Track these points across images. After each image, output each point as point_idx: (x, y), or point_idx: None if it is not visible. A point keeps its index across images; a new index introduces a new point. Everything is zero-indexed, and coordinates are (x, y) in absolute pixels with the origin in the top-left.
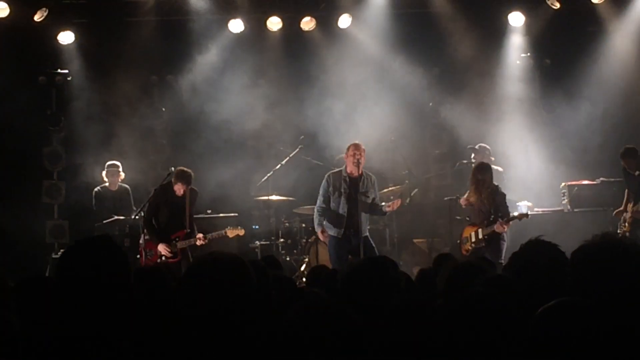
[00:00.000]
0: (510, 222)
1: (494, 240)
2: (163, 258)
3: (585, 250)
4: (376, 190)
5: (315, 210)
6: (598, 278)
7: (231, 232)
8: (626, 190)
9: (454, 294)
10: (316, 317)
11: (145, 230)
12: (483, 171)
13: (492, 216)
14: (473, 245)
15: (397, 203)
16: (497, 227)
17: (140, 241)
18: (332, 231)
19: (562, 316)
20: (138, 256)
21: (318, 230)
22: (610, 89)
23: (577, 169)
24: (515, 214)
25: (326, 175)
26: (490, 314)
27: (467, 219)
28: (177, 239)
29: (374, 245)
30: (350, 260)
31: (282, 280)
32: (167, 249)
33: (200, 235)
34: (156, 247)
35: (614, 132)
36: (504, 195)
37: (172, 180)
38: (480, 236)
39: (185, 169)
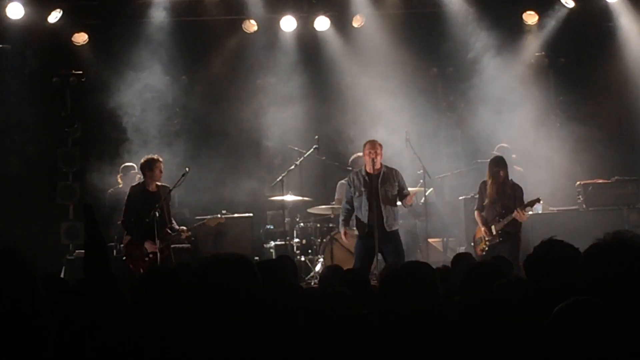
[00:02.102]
0: (527, 209)
1: (509, 238)
2: (151, 256)
3: (597, 248)
4: (402, 181)
5: (341, 209)
6: (610, 276)
7: (212, 222)
8: None
9: (470, 293)
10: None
11: (126, 232)
12: (497, 164)
13: (503, 210)
14: (487, 243)
15: (412, 197)
16: (515, 215)
17: (124, 242)
18: (356, 230)
19: (577, 315)
20: (124, 258)
21: (341, 230)
22: (625, 87)
23: (592, 167)
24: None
25: (348, 177)
26: (507, 314)
27: (472, 217)
28: (161, 235)
29: (400, 241)
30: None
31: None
32: (153, 245)
33: (183, 227)
34: (140, 247)
35: (629, 131)
36: (522, 189)
37: (144, 172)
38: (494, 232)
39: (150, 156)
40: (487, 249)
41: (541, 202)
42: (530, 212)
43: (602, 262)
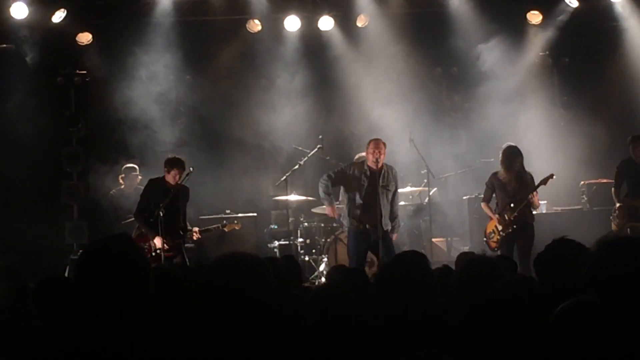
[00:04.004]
0: (537, 190)
1: (525, 228)
2: (158, 252)
3: (600, 247)
4: (397, 182)
5: (321, 182)
6: (613, 274)
7: (228, 227)
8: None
9: (468, 292)
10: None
11: (138, 225)
12: (510, 153)
13: (516, 197)
14: (502, 233)
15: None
16: (529, 198)
17: (132, 236)
18: (351, 224)
19: (579, 315)
20: None
21: (325, 202)
22: (628, 86)
23: (596, 167)
24: None
25: (348, 164)
26: (510, 314)
27: (476, 216)
28: (171, 233)
29: (392, 241)
30: (379, 260)
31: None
32: (163, 242)
33: (195, 229)
34: (150, 241)
35: (633, 130)
36: (531, 175)
37: (165, 169)
38: (507, 219)
39: (173, 155)
40: (501, 239)
41: (554, 177)
42: (535, 212)
43: (604, 259)
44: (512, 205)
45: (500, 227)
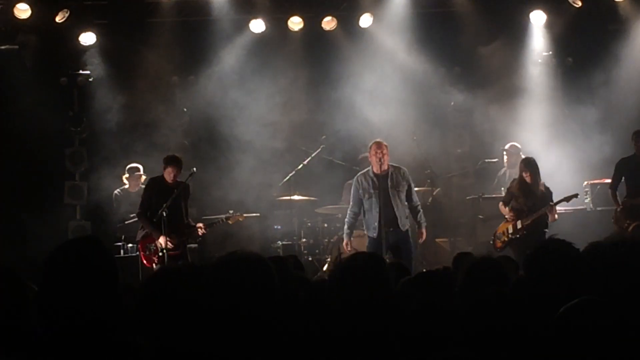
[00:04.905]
0: (557, 206)
1: (536, 232)
2: (164, 252)
3: (596, 248)
4: (410, 181)
5: (347, 215)
6: (608, 275)
7: (232, 220)
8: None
9: (471, 292)
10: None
11: (142, 225)
12: (525, 166)
13: (532, 205)
14: (510, 236)
15: (424, 234)
16: (547, 209)
17: (138, 237)
18: (368, 232)
19: (583, 315)
20: (137, 252)
21: (345, 239)
22: (632, 87)
23: (600, 167)
24: None
25: (354, 179)
26: (510, 314)
27: (480, 216)
28: (176, 231)
29: (411, 241)
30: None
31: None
32: (169, 241)
33: (200, 224)
34: (156, 240)
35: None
36: (551, 192)
37: (163, 167)
38: (520, 226)
39: (173, 154)
40: (508, 241)
41: (578, 196)
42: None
43: (600, 260)
44: (526, 213)
45: (510, 230)
